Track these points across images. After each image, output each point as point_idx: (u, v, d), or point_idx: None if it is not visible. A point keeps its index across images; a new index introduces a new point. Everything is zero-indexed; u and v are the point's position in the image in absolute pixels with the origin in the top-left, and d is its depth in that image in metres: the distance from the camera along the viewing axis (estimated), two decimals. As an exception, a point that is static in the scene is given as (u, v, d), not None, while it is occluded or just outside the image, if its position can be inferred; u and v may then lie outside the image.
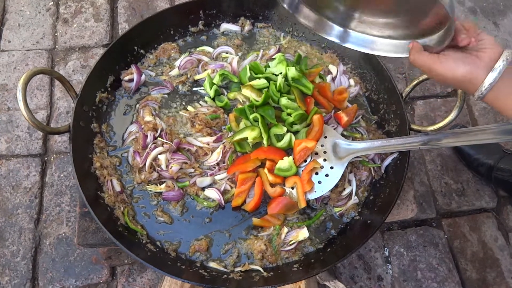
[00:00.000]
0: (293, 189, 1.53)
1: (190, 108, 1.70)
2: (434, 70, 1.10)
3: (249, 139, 1.53)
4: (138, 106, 1.70)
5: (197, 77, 1.76)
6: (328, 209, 1.58)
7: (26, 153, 2.38)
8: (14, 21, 2.77)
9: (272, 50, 1.84)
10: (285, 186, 1.53)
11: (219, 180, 1.55)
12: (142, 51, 1.81)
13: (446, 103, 2.64)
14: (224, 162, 1.58)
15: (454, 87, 1.30)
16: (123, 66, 1.75)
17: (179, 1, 2.74)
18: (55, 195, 2.28)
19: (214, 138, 1.59)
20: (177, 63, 1.78)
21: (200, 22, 1.89)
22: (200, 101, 1.73)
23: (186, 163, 1.54)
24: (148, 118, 1.62)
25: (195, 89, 1.76)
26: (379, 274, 2.19)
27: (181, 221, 1.52)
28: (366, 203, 1.60)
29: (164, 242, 1.48)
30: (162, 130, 1.59)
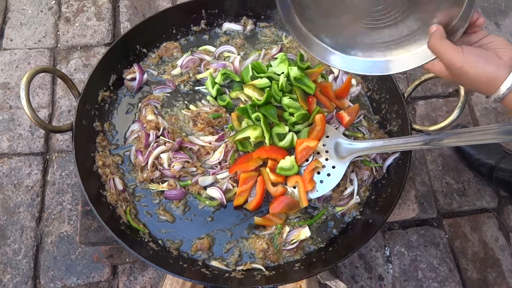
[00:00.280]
0: (294, 188, 1.53)
1: (192, 107, 1.71)
2: (454, 62, 0.99)
3: (251, 138, 1.53)
4: (140, 105, 1.70)
5: (199, 76, 1.77)
6: (329, 208, 1.58)
7: (28, 151, 2.38)
8: (16, 19, 2.77)
9: (274, 50, 1.85)
10: (287, 185, 1.54)
11: (221, 179, 1.55)
12: (144, 50, 1.81)
13: (447, 103, 2.64)
14: (226, 161, 1.58)
15: (465, 85, 1.16)
16: (126, 65, 1.76)
17: (181, 0, 2.74)
18: (57, 194, 2.28)
19: (216, 137, 1.60)
20: (179, 62, 1.79)
21: (202, 21, 1.89)
22: (202, 100, 1.74)
23: (188, 162, 1.54)
24: (150, 117, 1.63)
25: (197, 88, 1.76)
26: (380, 273, 2.19)
27: (183, 220, 1.52)
28: (368, 203, 1.60)
29: (166, 241, 1.48)
30: (164, 129, 1.59)
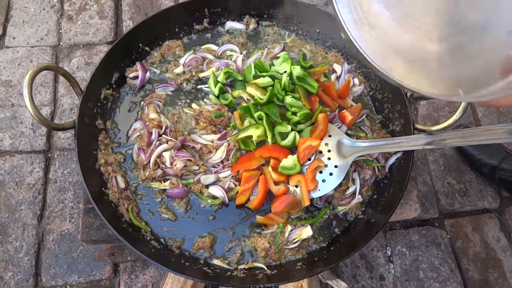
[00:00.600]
0: (297, 187, 1.53)
1: (194, 105, 1.71)
2: None
3: (253, 137, 1.54)
4: (142, 103, 1.71)
5: (201, 74, 1.77)
6: (332, 207, 1.58)
7: (29, 149, 2.38)
8: (18, 17, 2.77)
9: (277, 49, 1.85)
10: (289, 184, 1.53)
11: (223, 177, 1.56)
12: (147, 49, 1.82)
13: (449, 104, 2.63)
14: (228, 160, 1.59)
15: None
16: (128, 63, 1.77)
17: (184, -1, 2.73)
18: (59, 192, 2.28)
19: (218, 136, 1.60)
20: (181, 61, 1.79)
21: (205, 20, 1.89)
22: (204, 98, 1.74)
23: (190, 161, 1.55)
24: (152, 115, 1.63)
25: (200, 86, 1.77)
26: (381, 273, 2.19)
27: (185, 218, 1.52)
28: (370, 202, 1.60)
29: (168, 239, 1.48)
30: (166, 128, 1.59)
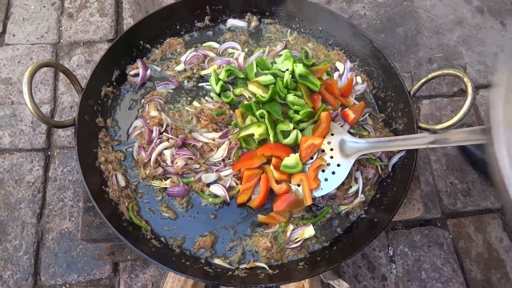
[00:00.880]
0: (299, 186, 1.51)
1: (195, 103, 1.69)
2: None
3: (255, 136, 1.52)
4: (143, 101, 1.70)
5: (203, 72, 1.76)
6: (334, 207, 1.56)
7: (29, 147, 2.36)
8: (18, 15, 2.75)
9: (278, 47, 1.83)
10: (291, 183, 1.52)
11: (225, 176, 1.55)
12: (148, 46, 1.80)
13: (452, 103, 2.62)
14: (229, 158, 1.57)
15: None
16: (129, 61, 1.75)
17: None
18: (58, 190, 2.27)
19: (219, 134, 1.58)
20: (183, 58, 1.78)
21: (206, 17, 1.87)
22: (206, 96, 1.73)
23: (191, 159, 1.53)
24: (153, 113, 1.61)
25: (201, 84, 1.75)
26: (383, 273, 2.17)
27: (186, 217, 1.51)
28: (373, 202, 1.59)
29: (168, 238, 1.47)
30: (167, 125, 1.58)
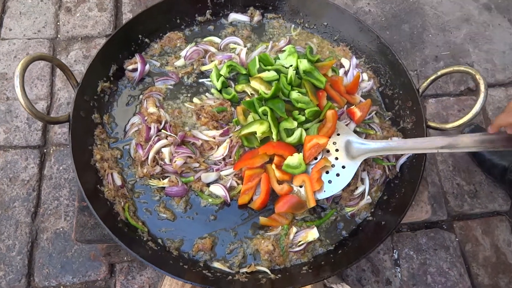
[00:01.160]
0: (301, 187, 1.45)
1: (196, 100, 1.64)
2: None
3: (257, 134, 1.47)
4: (141, 97, 1.65)
5: (203, 68, 1.71)
6: (339, 208, 1.51)
7: (24, 144, 2.31)
8: (15, 9, 2.70)
9: (282, 42, 1.79)
10: (292, 184, 1.46)
11: (225, 175, 1.49)
12: (146, 40, 1.75)
13: (459, 102, 2.56)
14: (230, 157, 1.52)
15: None
16: (127, 55, 1.70)
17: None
18: (54, 189, 2.21)
19: (220, 131, 1.54)
20: (183, 53, 1.73)
21: (207, 11, 1.82)
22: (206, 93, 1.68)
23: (190, 157, 1.48)
24: (151, 109, 1.56)
25: (202, 80, 1.70)
26: (388, 277, 2.12)
27: (184, 218, 1.45)
28: (380, 203, 1.53)
29: (166, 240, 1.42)
30: (166, 122, 1.53)
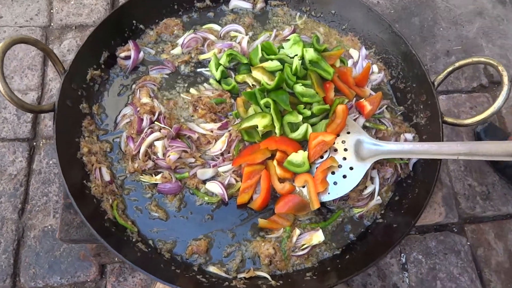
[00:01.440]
0: (303, 188, 1.36)
1: (192, 90, 1.59)
2: None
3: (259, 127, 1.41)
4: (134, 86, 1.60)
5: (202, 57, 1.66)
6: (346, 209, 1.45)
7: (13, 136, 2.27)
8: (7, -5, 2.62)
9: (286, 31, 1.74)
10: (294, 183, 1.39)
11: (223, 172, 1.44)
12: (141, 26, 1.70)
13: (471, 99, 2.52)
14: (229, 152, 1.47)
15: None
16: (120, 42, 1.65)
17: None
18: (42, 184, 2.17)
19: (218, 124, 1.49)
20: (180, 41, 1.68)
21: (207, -3, 1.78)
22: (204, 83, 1.63)
23: (186, 152, 1.43)
24: (145, 100, 1.52)
25: (199, 70, 1.65)
26: (395, 282, 2.08)
27: (177, 217, 1.40)
28: (391, 205, 1.48)
29: (157, 241, 1.36)
30: (160, 114, 1.49)
